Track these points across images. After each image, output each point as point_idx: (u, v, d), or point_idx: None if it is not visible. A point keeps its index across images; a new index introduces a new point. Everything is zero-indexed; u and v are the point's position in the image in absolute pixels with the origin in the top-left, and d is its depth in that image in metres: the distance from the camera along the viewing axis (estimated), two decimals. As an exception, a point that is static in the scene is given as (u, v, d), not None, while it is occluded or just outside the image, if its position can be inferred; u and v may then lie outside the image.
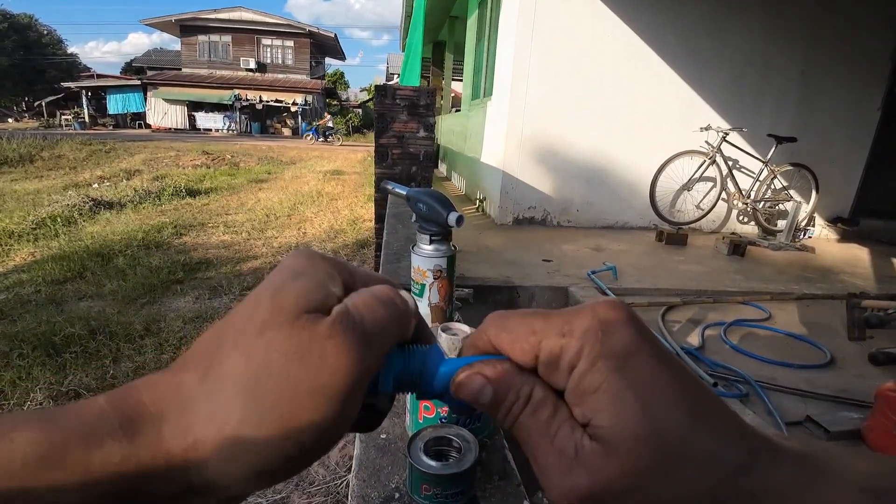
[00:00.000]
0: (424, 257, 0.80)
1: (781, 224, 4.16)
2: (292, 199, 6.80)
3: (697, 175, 3.86)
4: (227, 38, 25.08)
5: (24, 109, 32.38)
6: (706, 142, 3.92)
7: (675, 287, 2.63)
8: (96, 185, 7.40)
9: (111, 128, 23.78)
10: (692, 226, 4.02)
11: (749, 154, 4.08)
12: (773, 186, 4.16)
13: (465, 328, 0.53)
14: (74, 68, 37.77)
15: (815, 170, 4.11)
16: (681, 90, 4.06)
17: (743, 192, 4.08)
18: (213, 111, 23.97)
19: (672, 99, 4.07)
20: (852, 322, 2.16)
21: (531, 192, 4.14)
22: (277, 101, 23.98)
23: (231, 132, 23.37)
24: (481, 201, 4.85)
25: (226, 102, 23.33)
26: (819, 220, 4.53)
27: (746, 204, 4.09)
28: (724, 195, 4.07)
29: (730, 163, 4.04)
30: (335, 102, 30.36)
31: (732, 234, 3.67)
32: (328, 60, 33.16)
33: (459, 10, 7.45)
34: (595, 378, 0.20)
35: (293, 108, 23.47)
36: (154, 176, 8.19)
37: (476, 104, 5.61)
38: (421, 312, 0.81)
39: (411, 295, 0.26)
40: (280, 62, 25.96)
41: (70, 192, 6.50)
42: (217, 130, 23.54)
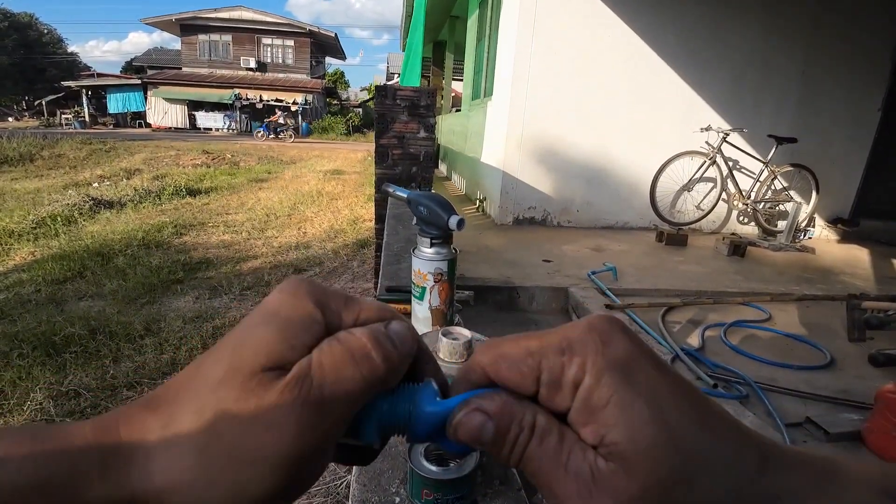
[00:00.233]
0: (425, 260, 0.80)
1: (782, 225, 4.16)
2: (292, 199, 6.79)
3: (698, 175, 3.86)
4: (228, 38, 25.07)
5: (25, 108, 32.35)
6: (706, 142, 3.92)
7: (676, 288, 2.63)
8: (96, 185, 7.39)
9: (111, 127, 23.78)
10: (692, 226, 4.02)
11: (749, 155, 4.08)
12: (773, 187, 4.16)
13: (465, 332, 0.53)
14: (75, 67, 37.77)
15: (816, 170, 4.11)
16: (681, 90, 4.06)
17: (743, 193, 4.08)
18: (213, 110, 23.98)
19: (672, 99, 4.07)
20: (852, 323, 2.16)
21: (531, 192, 4.14)
22: (278, 101, 23.97)
23: (231, 131, 23.38)
24: (481, 201, 4.85)
25: (226, 102, 23.34)
26: (819, 221, 4.53)
27: (747, 204, 4.09)
28: (724, 196, 4.07)
29: (730, 163, 4.04)
30: (335, 102, 30.35)
31: (732, 234, 3.67)
32: (328, 60, 33.16)
33: (460, 10, 7.45)
34: (603, 392, 0.19)
35: (293, 108, 23.46)
36: (154, 175, 8.19)
37: (476, 104, 5.61)
38: (421, 316, 0.81)
39: (408, 324, 0.25)
40: (280, 61, 25.95)
41: (70, 192, 6.50)
42: (217, 130, 23.55)
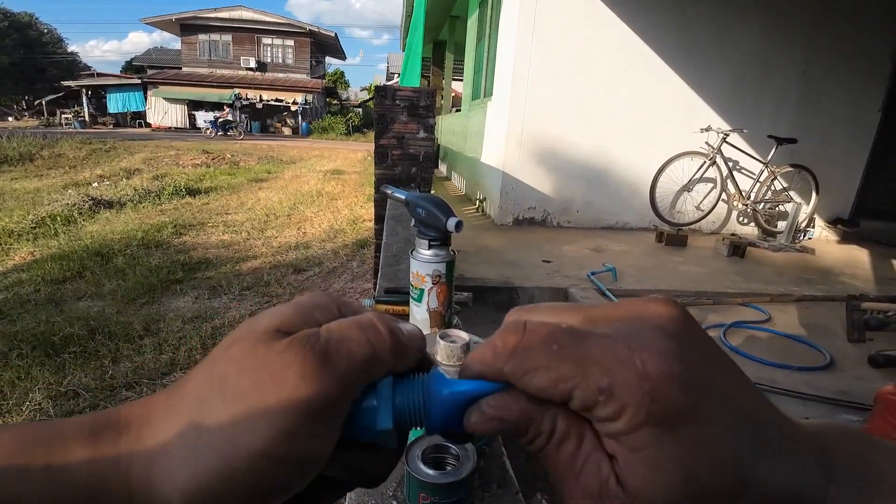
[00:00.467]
0: (423, 262, 0.79)
1: (781, 225, 4.15)
2: (292, 199, 6.79)
3: (697, 176, 3.85)
4: (228, 38, 25.07)
5: (25, 108, 32.36)
6: (706, 143, 3.92)
7: (675, 288, 2.63)
8: (96, 184, 7.39)
9: (111, 127, 23.77)
10: (692, 227, 4.02)
11: (749, 155, 4.08)
12: (773, 187, 4.15)
13: (464, 335, 0.53)
14: (75, 67, 37.74)
15: (816, 171, 4.10)
16: (681, 90, 4.06)
17: (743, 194, 4.08)
18: (213, 110, 23.97)
19: (672, 99, 4.07)
20: (852, 324, 2.16)
21: (531, 192, 4.14)
22: (278, 101, 23.97)
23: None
24: (481, 201, 4.85)
25: (226, 101, 23.32)
26: (819, 222, 4.52)
27: (746, 205, 4.09)
28: (724, 196, 4.07)
29: (730, 164, 4.03)
30: (335, 102, 30.35)
31: (732, 235, 3.67)
32: (328, 60, 33.14)
33: (460, 10, 7.44)
34: (635, 442, 0.18)
35: (293, 108, 23.45)
36: (154, 175, 8.18)
37: (476, 104, 5.61)
38: (420, 318, 0.80)
39: (415, 328, 0.25)
40: (280, 61, 25.94)
41: (70, 191, 6.49)
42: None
